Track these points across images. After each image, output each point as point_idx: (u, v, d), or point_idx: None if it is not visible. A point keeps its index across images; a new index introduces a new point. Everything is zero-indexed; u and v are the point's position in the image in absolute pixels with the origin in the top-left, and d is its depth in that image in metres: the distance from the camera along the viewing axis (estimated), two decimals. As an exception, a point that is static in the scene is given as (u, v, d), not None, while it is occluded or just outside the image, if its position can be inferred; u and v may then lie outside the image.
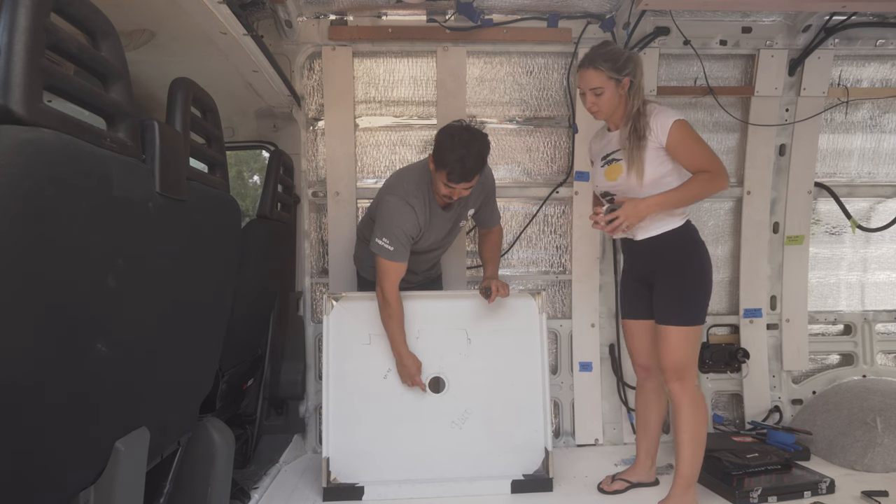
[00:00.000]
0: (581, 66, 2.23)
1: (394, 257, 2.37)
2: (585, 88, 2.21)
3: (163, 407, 1.37)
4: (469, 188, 2.31)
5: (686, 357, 2.21)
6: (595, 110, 2.24)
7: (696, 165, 2.14)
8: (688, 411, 2.21)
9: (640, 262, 2.35)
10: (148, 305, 1.20)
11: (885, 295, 3.43)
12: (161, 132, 1.19)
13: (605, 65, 2.16)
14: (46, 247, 0.86)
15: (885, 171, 3.35)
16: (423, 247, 2.51)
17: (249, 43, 2.05)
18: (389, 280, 2.41)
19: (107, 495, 1.09)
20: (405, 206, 2.36)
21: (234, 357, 2.34)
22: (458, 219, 2.57)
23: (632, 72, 2.19)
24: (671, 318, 2.21)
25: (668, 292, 2.24)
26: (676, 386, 2.21)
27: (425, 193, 2.41)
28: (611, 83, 2.17)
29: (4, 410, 0.83)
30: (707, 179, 2.12)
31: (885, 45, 3.15)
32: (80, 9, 0.98)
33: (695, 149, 2.14)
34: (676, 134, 2.13)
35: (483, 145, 2.28)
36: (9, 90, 0.79)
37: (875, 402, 2.87)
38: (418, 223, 2.39)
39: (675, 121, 2.14)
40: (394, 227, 2.35)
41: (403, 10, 2.99)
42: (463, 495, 2.44)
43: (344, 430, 2.51)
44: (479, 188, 2.52)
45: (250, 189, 9.69)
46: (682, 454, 2.22)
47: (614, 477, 2.55)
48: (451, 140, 2.23)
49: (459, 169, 2.21)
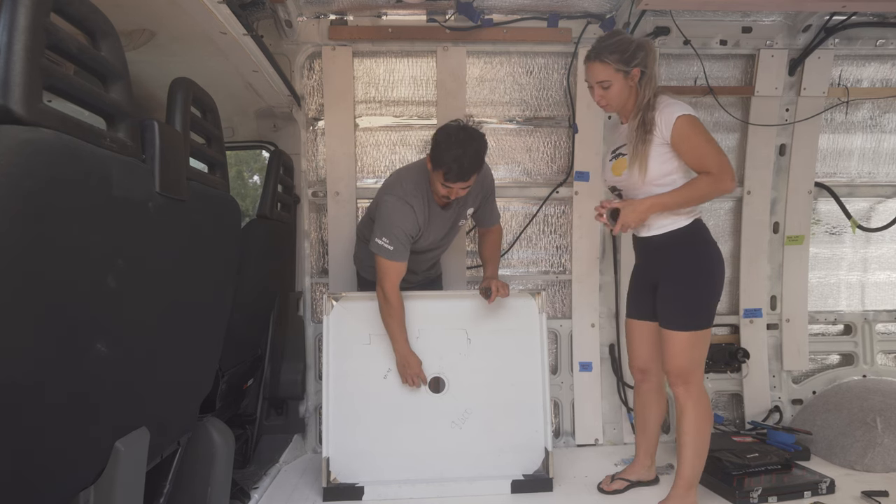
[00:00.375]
0: (588, 58, 2.14)
1: (394, 257, 2.37)
2: (593, 82, 2.13)
3: (163, 407, 1.37)
4: (467, 188, 2.31)
5: (690, 362, 2.14)
6: (604, 104, 2.16)
7: (700, 165, 2.05)
8: (692, 414, 2.15)
9: (647, 260, 2.28)
10: (148, 305, 1.20)
11: (886, 295, 3.43)
12: (161, 132, 1.19)
13: (612, 56, 2.07)
14: (46, 247, 0.86)
15: (885, 171, 3.35)
16: (422, 246, 2.52)
17: (249, 43, 2.05)
18: (390, 280, 2.41)
19: (107, 495, 1.09)
20: (405, 206, 2.36)
21: (234, 357, 2.34)
22: (458, 218, 2.57)
23: (642, 61, 2.08)
24: (675, 323, 2.13)
25: (672, 295, 2.15)
26: (681, 390, 2.16)
27: (424, 193, 2.41)
28: (619, 75, 2.08)
29: (4, 410, 0.83)
30: (710, 182, 2.02)
31: (885, 45, 3.15)
32: (80, 9, 0.98)
33: (700, 147, 2.03)
34: (681, 129, 2.03)
35: (480, 145, 2.27)
36: (9, 90, 0.79)
37: (875, 402, 2.87)
38: (418, 222, 2.39)
39: (680, 115, 2.03)
40: (393, 227, 2.35)
41: (403, 10, 2.99)
42: (463, 495, 2.44)
43: (344, 430, 2.51)
44: (478, 187, 2.52)
45: (250, 189, 9.69)
46: (683, 456, 2.19)
47: (614, 476, 2.54)
48: (448, 140, 2.23)
49: (457, 169, 2.21)
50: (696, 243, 2.14)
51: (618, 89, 2.10)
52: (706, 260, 2.14)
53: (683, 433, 2.18)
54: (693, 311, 2.12)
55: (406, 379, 2.55)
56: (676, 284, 2.15)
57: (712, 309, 2.16)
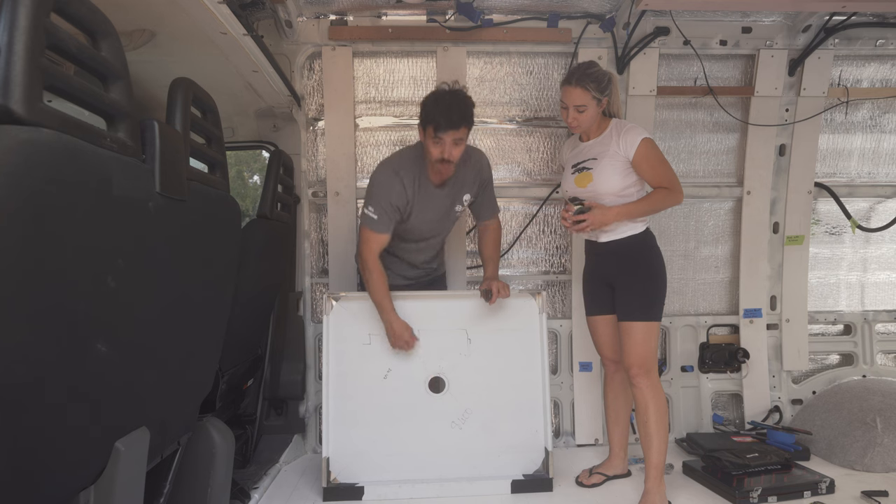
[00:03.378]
0: (567, 83, 2.37)
1: (377, 228, 2.40)
2: (570, 104, 2.36)
3: (163, 407, 1.37)
4: (459, 141, 2.30)
5: (650, 351, 2.36)
6: (575, 125, 2.41)
7: (658, 181, 2.36)
8: (654, 404, 2.34)
9: (603, 262, 2.50)
10: (148, 305, 1.20)
11: (885, 295, 3.43)
12: (161, 132, 1.19)
13: (591, 85, 2.32)
14: (46, 247, 0.86)
15: (885, 171, 3.35)
16: (415, 227, 2.51)
17: (249, 43, 2.05)
18: (370, 249, 2.43)
19: (107, 495, 1.09)
20: (394, 177, 2.40)
21: (234, 357, 2.34)
22: (453, 202, 2.56)
23: (610, 92, 2.39)
24: (634, 314, 2.36)
25: (629, 291, 2.39)
26: (643, 381, 2.34)
27: (417, 169, 2.44)
28: (594, 102, 2.35)
29: (4, 410, 0.83)
30: (666, 195, 2.34)
31: (885, 45, 3.15)
32: (80, 9, 0.98)
33: (658, 166, 2.35)
34: (643, 151, 2.33)
35: (467, 99, 2.33)
36: (9, 90, 0.79)
37: (875, 402, 2.87)
38: (405, 194, 2.41)
39: (643, 139, 2.34)
40: (380, 197, 2.39)
41: (403, 10, 2.99)
42: (463, 495, 2.44)
43: (344, 431, 2.51)
44: (475, 172, 2.55)
45: (250, 189, 9.70)
46: (653, 446, 2.34)
47: (591, 470, 2.62)
48: (436, 97, 2.32)
49: (446, 117, 2.25)
50: (648, 248, 2.44)
51: (591, 114, 2.37)
52: (655, 262, 2.42)
53: (649, 423, 2.35)
54: (648, 303, 2.37)
55: (396, 345, 2.52)
56: (633, 281, 2.40)
57: (663, 305, 2.42)
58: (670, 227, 3.28)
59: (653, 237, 2.46)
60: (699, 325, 3.26)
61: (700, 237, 3.31)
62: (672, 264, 3.07)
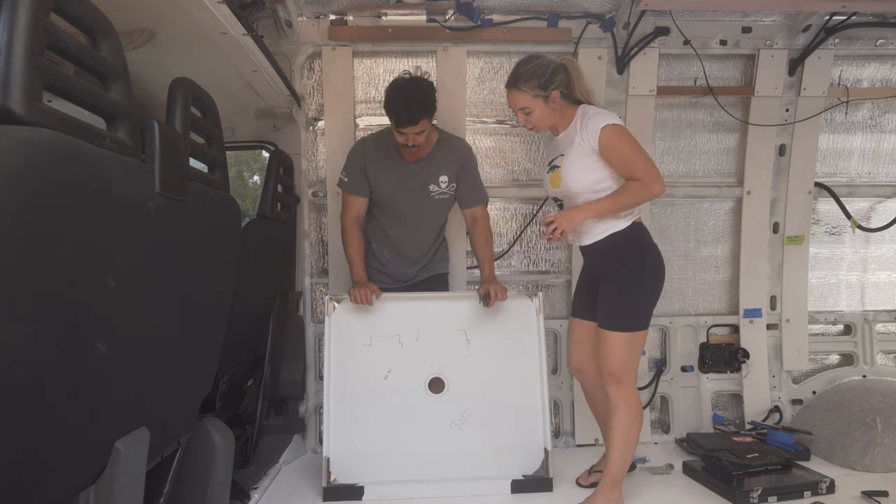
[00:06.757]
0: (506, 86, 2.23)
1: (347, 188, 2.62)
2: (513, 108, 2.23)
3: (163, 407, 1.37)
4: (420, 133, 2.39)
5: (624, 362, 2.18)
6: (530, 127, 2.25)
7: (628, 172, 2.11)
8: (622, 414, 2.20)
9: (591, 264, 2.37)
10: (148, 305, 1.20)
11: (885, 295, 3.43)
12: (161, 132, 1.19)
13: (528, 84, 2.14)
14: (46, 247, 0.86)
15: (885, 171, 3.35)
16: (388, 196, 2.61)
17: (249, 43, 2.05)
18: (346, 212, 2.64)
19: (107, 495, 1.09)
20: (361, 144, 2.65)
21: (234, 357, 2.34)
22: (427, 181, 2.61)
23: (561, 82, 2.17)
24: (611, 323, 2.19)
25: (609, 297, 2.22)
26: (614, 390, 2.21)
27: (388, 141, 2.56)
28: (538, 101, 2.16)
29: (4, 410, 0.83)
30: (638, 187, 2.09)
31: (885, 45, 3.15)
32: (80, 9, 0.98)
33: (626, 154, 2.10)
34: (606, 139, 2.10)
35: (425, 89, 2.37)
36: (9, 90, 0.79)
37: (875, 402, 2.87)
38: (365, 153, 2.59)
39: (605, 125, 2.10)
40: (349, 161, 2.62)
41: (403, 10, 2.99)
42: (463, 495, 2.44)
43: (344, 431, 2.51)
44: (453, 156, 2.61)
45: (250, 189, 9.69)
46: (611, 455, 2.23)
47: (591, 470, 2.58)
48: (396, 89, 2.37)
49: (404, 113, 2.31)
50: (634, 246, 2.21)
51: (539, 114, 2.19)
52: (643, 262, 2.20)
53: (613, 432, 2.23)
54: (629, 313, 2.18)
55: (355, 298, 2.52)
56: (614, 286, 2.21)
57: (648, 311, 2.21)
58: (670, 227, 3.28)
59: (643, 232, 2.25)
60: (699, 325, 3.26)
61: (700, 237, 3.31)
62: (672, 264, 3.06)
